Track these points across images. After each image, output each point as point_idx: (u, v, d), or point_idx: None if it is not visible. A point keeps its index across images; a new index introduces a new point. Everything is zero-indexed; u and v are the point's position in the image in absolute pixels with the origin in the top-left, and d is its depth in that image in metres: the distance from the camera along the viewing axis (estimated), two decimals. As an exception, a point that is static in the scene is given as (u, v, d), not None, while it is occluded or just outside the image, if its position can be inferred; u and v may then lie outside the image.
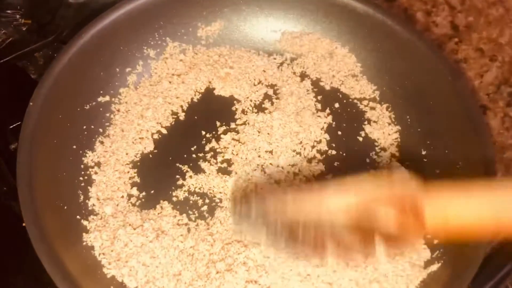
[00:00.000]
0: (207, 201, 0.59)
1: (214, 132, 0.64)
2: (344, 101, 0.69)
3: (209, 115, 0.66)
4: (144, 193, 0.59)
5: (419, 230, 0.43)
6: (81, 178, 0.59)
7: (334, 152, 0.64)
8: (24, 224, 0.60)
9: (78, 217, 0.56)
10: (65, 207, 0.55)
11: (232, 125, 0.65)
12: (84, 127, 0.62)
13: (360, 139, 0.66)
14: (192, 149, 0.63)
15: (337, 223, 0.44)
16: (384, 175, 0.46)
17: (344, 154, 0.64)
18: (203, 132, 0.64)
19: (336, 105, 0.68)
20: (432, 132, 0.64)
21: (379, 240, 0.43)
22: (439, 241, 0.55)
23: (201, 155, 0.62)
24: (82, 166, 0.60)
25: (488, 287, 0.59)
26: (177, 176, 0.61)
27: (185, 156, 0.62)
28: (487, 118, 0.74)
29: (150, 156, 0.62)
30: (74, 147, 0.60)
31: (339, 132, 0.66)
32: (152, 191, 0.60)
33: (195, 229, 0.57)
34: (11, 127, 0.64)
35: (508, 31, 0.83)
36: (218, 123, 0.65)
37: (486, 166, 0.56)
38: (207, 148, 0.63)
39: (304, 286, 0.52)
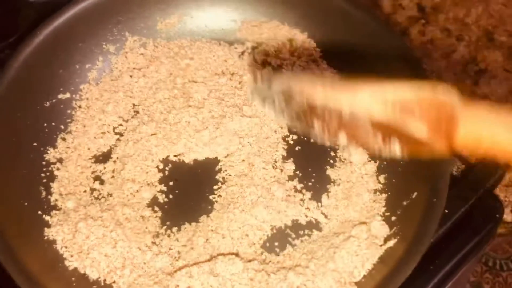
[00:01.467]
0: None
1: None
2: (305, 86, 0.70)
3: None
4: (106, 187, 0.60)
5: (448, 141, 0.42)
6: (42, 175, 0.60)
7: (295, 137, 0.65)
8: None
9: (39, 212, 0.57)
10: (26, 203, 0.56)
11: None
12: (45, 124, 0.62)
13: (321, 123, 0.67)
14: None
15: (363, 117, 0.42)
16: (427, 84, 0.43)
17: (305, 139, 0.65)
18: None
19: (298, 90, 0.69)
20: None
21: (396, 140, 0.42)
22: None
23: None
24: (43, 162, 0.61)
25: (452, 264, 0.60)
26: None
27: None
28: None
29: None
30: (35, 144, 0.61)
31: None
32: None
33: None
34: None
35: (474, 11, 0.84)
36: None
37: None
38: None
39: None
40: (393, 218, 0.57)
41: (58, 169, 0.61)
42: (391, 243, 0.54)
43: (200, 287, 0.52)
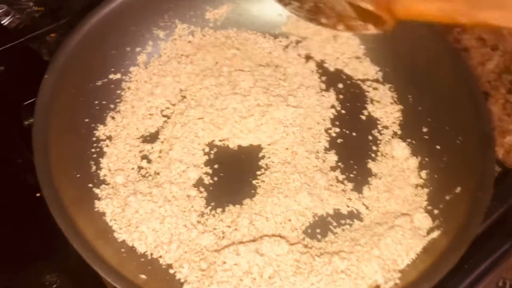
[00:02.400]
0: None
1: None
2: (348, 82, 0.71)
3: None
4: (154, 166, 0.61)
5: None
6: (93, 150, 0.61)
7: (337, 129, 0.66)
8: (38, 195, 0.63)
9: (90, 185, 0.58)
10: (78, 175, 0.57)
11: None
12: (96, 102, 0.64)
13: (363, 117, 0.68)
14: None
15: None
16: None
17: (347, 132, 0.66)
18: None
19: (340, 85, 0.70)
20: (433, 110, 0.65)
21: None
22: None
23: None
24: (94, 138, 0.62)
25: (490, 262, 0.61)
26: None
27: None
28: (488, 104, 0.76)
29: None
30: (87, 120, 0.62)
31: (343, 111, 0.68)
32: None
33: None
34: (25, 103, 0.66)
35: (510, 21, 0.85)
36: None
37: (485, 140, 0.58)
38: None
39: None
40: (436, 211, 0.58)
41: (107, 146, 0.62)
42: (434, 234, 0.55)
43: (246, 265, 0.53)
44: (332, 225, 0.59)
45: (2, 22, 0.80)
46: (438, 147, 0.63)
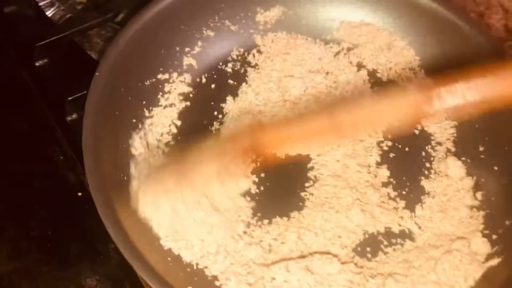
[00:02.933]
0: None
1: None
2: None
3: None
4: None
5: None
6: (139, 152, 0.60)
7: (390, 143, 0.64)
8: (80, 194, 0.62)
9: (136, 189, 0.57)
10: (125, 178, 0.56)
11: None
12: (144, 102, 0.62)
13: (416, 132, 0.65)
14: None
15: None
16: None
17: (400, 146, 0.64)
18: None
19: (392, 97, 0.68)
20: (491, 129, 0.63)
21: None
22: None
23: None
24: (140, 139, 0.60)
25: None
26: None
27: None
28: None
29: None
30: (134, 120, 0.61)
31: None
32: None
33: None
34: (70, 98, 0.64)
35: None
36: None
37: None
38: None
39: None
40: (494, 236, 0.55)
41: (154, 148, 0.61)
42: (494, 261, 0.53)
43: (296, 283, 0.51)
44: (383, 244, 0.56)
45: (46, 13, 0.79)
46: (495, 168, 0.60)
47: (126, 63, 0.60)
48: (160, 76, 0.65)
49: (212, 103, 0.66)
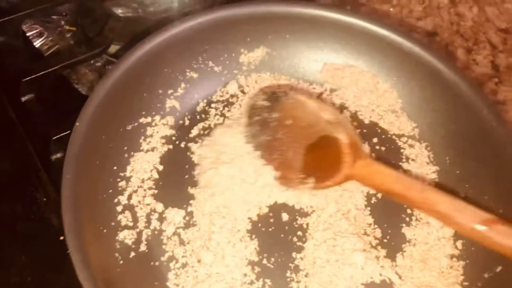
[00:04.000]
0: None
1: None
2: (383, 136, 0.69)
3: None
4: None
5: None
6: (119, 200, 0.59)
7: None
8: (62, 238, 0.61)
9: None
10: (105, 231, 0.55)
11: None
12: (125, 148, 0.62)
13: (398, 177, 0.66)
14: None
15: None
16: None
17: (382, 192, 0.64)
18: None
19: (375, 140, 0.68)
20: (472, 176, 0.63)
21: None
22: None
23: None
24: (120, 188, 0.60)
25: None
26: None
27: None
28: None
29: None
30: (115, 168, 0.60)
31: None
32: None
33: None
34: (54, 138, 0.64)
35: (550, 75, 0.82)
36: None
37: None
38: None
39: None
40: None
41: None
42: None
43: None
44: (364, 295, 0.57)
45: (34, 44, 0.78)
46: (476, 216, 0.61)
47: (107, 111, 0.59)
48: (142, 119, 0.64)
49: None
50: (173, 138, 0.66)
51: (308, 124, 0.59)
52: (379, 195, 0.63)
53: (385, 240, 0.60)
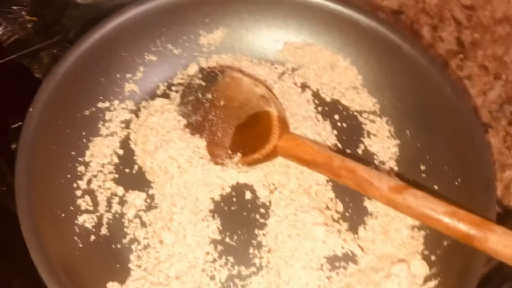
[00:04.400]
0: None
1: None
2: (344, 113, 0.69)
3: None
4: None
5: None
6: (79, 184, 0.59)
7: (334, 163, 0.64)
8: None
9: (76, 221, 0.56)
10: (63, 215, 0.55)
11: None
12: (84, 133, 0.61)
13: (360, 151, 0.66)
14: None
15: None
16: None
17: (344, 167, 0.64)
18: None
19: (336, 117, 0.68)
20: (432, 147, 0.64)
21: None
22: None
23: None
24: (79, 173, 0.59)
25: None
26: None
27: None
28: (488, 136, 0.74)
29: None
30: (73, 153, 0.60)
31: (339, 145, 0.66)
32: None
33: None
34: (13, 126, 0.63)
35: (513, 50, 0.84)
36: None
37: (486, 184, 0.56)
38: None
39: None
40: (433, 257, 0.56)
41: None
42: (431, 284, 0.54)
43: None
44: (327, 268, 0.57)
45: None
46: (436, 187, 0.61)
47: (62, 96, 0.58)
48: (100, 104, 0.64)
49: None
50: (133, 122, 0.65)
51: (240, 104, 0.62)
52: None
53: (347, 214, 0.61)
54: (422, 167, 0.64)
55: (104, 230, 0.57)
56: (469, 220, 0.50)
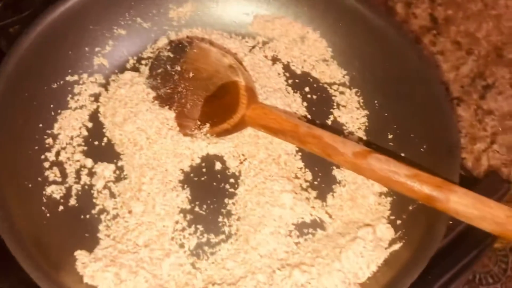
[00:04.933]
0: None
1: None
2: (315, 85, 0.70)
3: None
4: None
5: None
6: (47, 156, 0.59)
7: (303, 134, 0.65)
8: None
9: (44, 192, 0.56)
10: (30, 185, 0.55)
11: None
12: (51, 106, 0.61)
13: (329, 122, 0.67)
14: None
15: None
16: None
17: (313, 137, 0.65)
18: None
19: (307, 89, 0.69)
20: (399, 117, 0.65)
21: None
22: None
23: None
24: (47, 146, 0.59)
25: (452, 273, 0.60)
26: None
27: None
28: (460, 110, 0.76)
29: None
30: (41, 125, 0.59)
31: (309, 116, 0.67)
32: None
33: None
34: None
35: (485, 26, 0.85)
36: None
37: (450, 148, 0.57)
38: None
39: None
40: (398, 222, 0.57)
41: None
42: (396, 246, 0.55)
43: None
44: (295, 234, 0.58)
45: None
46: (402, 154, 0.62)
47: (28, 68, 0.58)
48: (68, 77, 0.63)
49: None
50: (102, 96, 0.65)
51: (208, 75, 0.62)
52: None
53: (315, 182, 0.62)
54: (390, 136, 0.65)
55: (73, 201, 0.57)
56: (431, 181, 0.50)
